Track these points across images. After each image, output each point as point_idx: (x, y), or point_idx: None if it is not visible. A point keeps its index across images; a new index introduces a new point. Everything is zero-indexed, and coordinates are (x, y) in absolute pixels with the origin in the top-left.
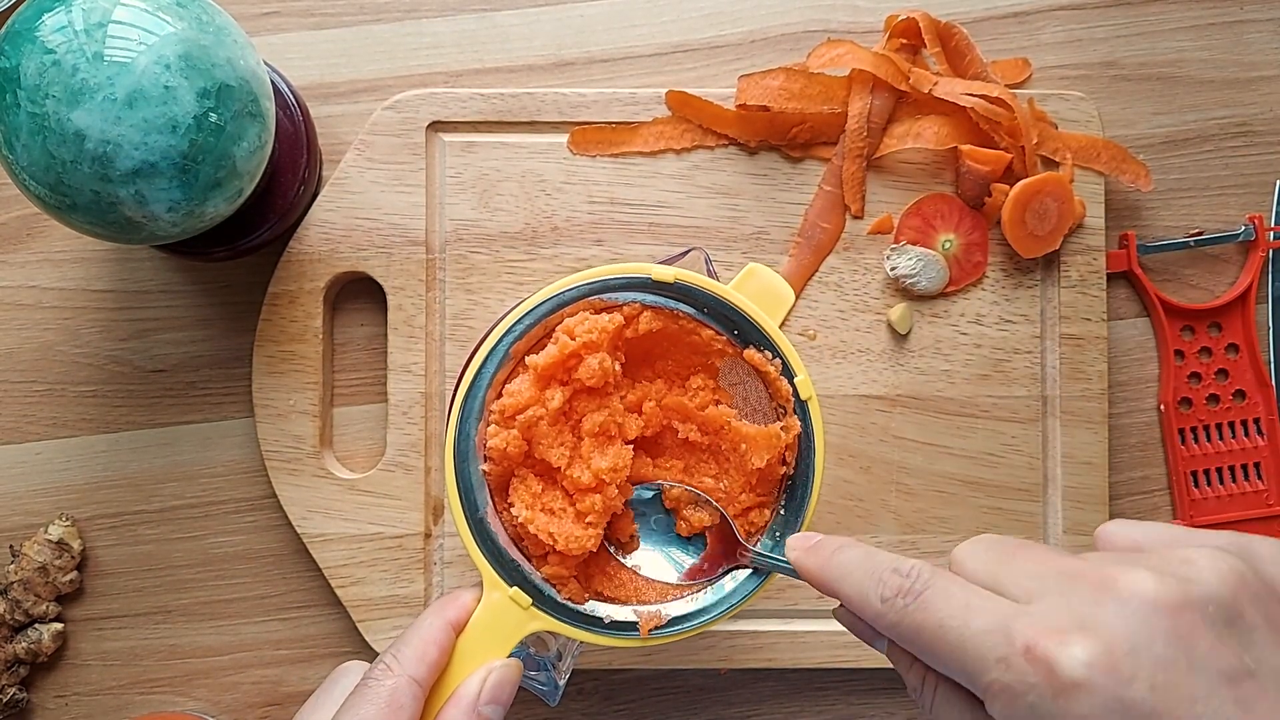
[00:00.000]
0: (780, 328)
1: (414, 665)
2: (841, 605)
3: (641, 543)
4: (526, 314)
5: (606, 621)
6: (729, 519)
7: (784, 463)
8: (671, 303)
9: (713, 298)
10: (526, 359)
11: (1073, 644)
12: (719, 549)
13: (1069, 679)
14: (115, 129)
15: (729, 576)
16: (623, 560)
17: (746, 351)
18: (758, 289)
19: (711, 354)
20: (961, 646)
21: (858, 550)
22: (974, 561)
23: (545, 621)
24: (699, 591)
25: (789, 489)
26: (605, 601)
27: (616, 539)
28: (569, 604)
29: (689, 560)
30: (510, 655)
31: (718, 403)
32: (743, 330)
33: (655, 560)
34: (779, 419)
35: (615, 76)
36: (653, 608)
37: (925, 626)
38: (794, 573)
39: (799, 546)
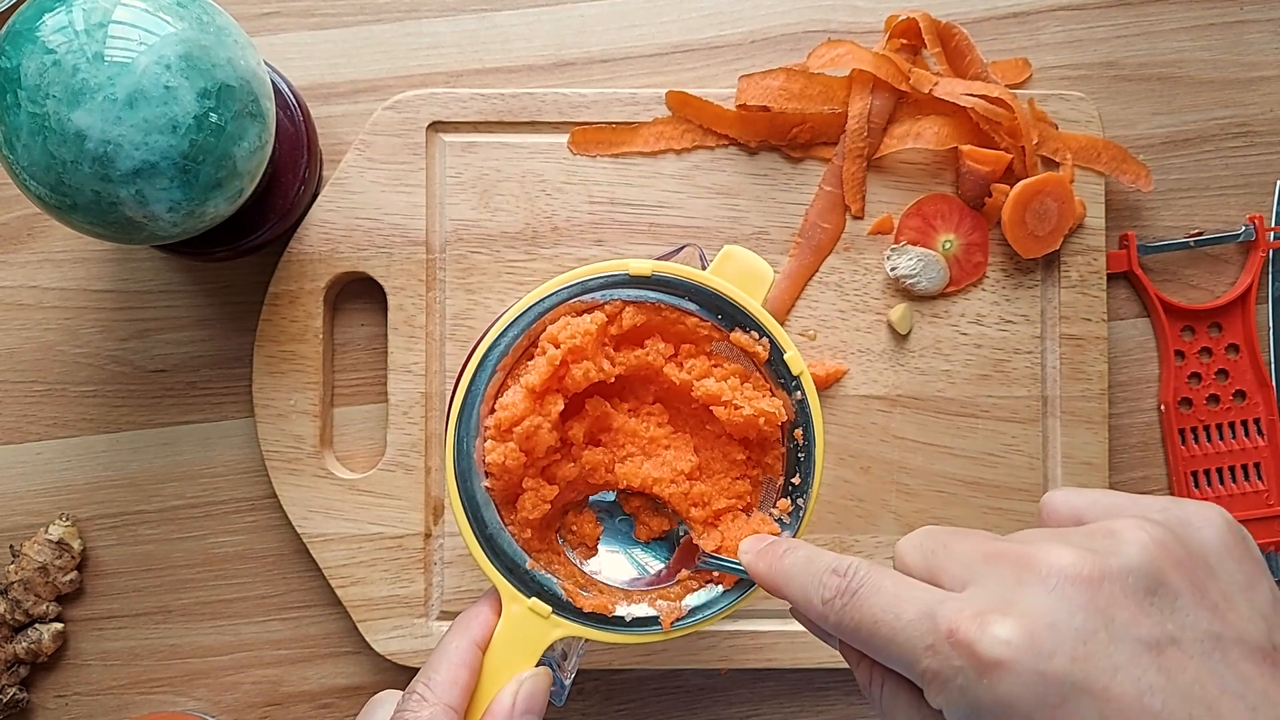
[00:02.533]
0: (763, 305)
1: (447, 692)
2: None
3: (601, 546)
4: (509, 326)
5: (628, 620)
6: (687, 525)
7: (783, 440)
8: (653, 295)
9: (692, 285)
10: (515, 373)
11: (993, 624)
12: (682, 553)
13: (991, 658)
14: (116, 129)
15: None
16: (580, 565)
17: (733, 334)
18: (736, 271)
19: (699, 340)
20: (894, 639)
21: (801, 552)
22: (912, 555)
23: (568, 627)
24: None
25: (798, 465)
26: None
27: (581, 543)
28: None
29: (652, 563)
30: (538, 664)
31: (715, 365)
32: (727, 313)
33: (617, 563)
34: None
35: (615, 76)
36: (671, 602)
37: (862, 623)
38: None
39: (751, 550)
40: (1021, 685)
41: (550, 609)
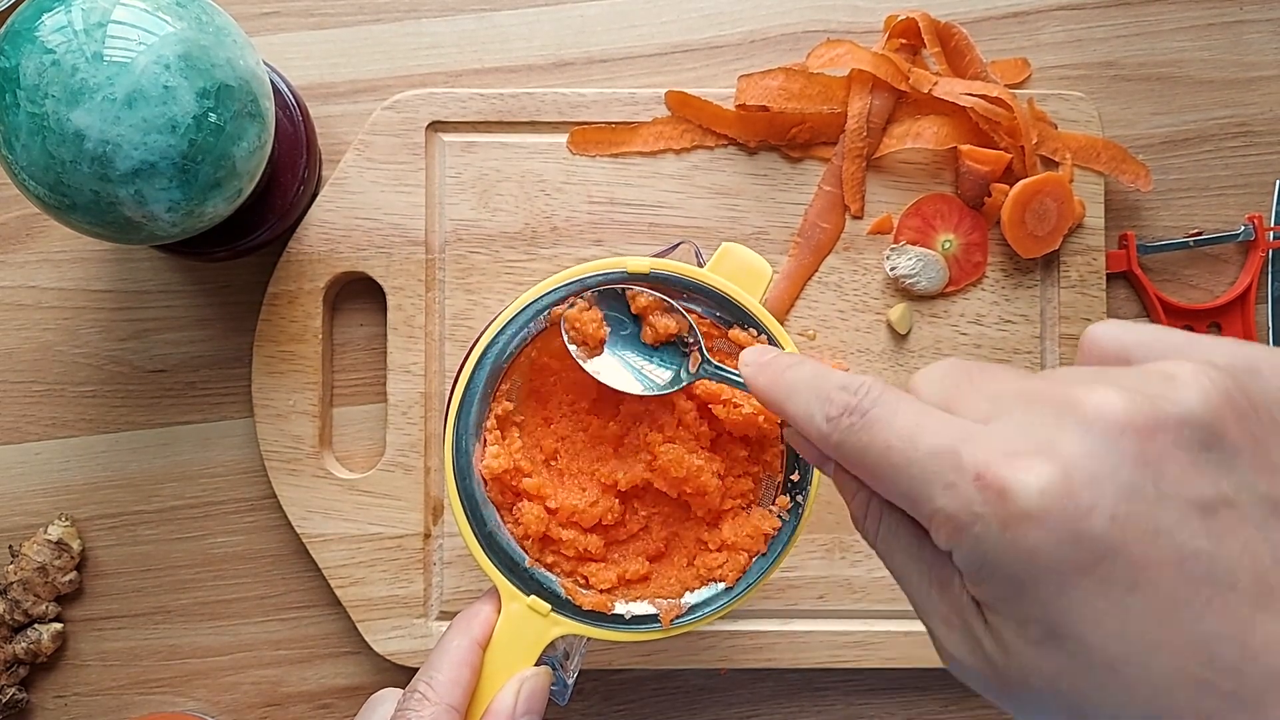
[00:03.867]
0: (762, 303)
1: (448, 691)
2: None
3: (606, 349)
4: (507, 324)
5: (627, 617)
6: (695, 327)
7: (782, 437)
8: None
9: (691, 282)
10: (512, 372)
11: (1027, 469)
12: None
13: (1020, 509)
14: (115, 129)
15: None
16: (583, 363)
17: (731, 331)
18: (734, 268)
19: None
20: (906, 470)
21: (808, 367)
22: (930, 386)
23: (567, 625)
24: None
25: (797, 462)
26: (625, 600)
27: (584, 341)
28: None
29: (655, 370)
30: (538, 662)
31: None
32: (725, 310)
33: (618, 369)
34: None
35: (615, 76)
36: (671, 600)
37: (870, 447)
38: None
39: (753, 361)
40: (1051, 542)
41: (550, 607)
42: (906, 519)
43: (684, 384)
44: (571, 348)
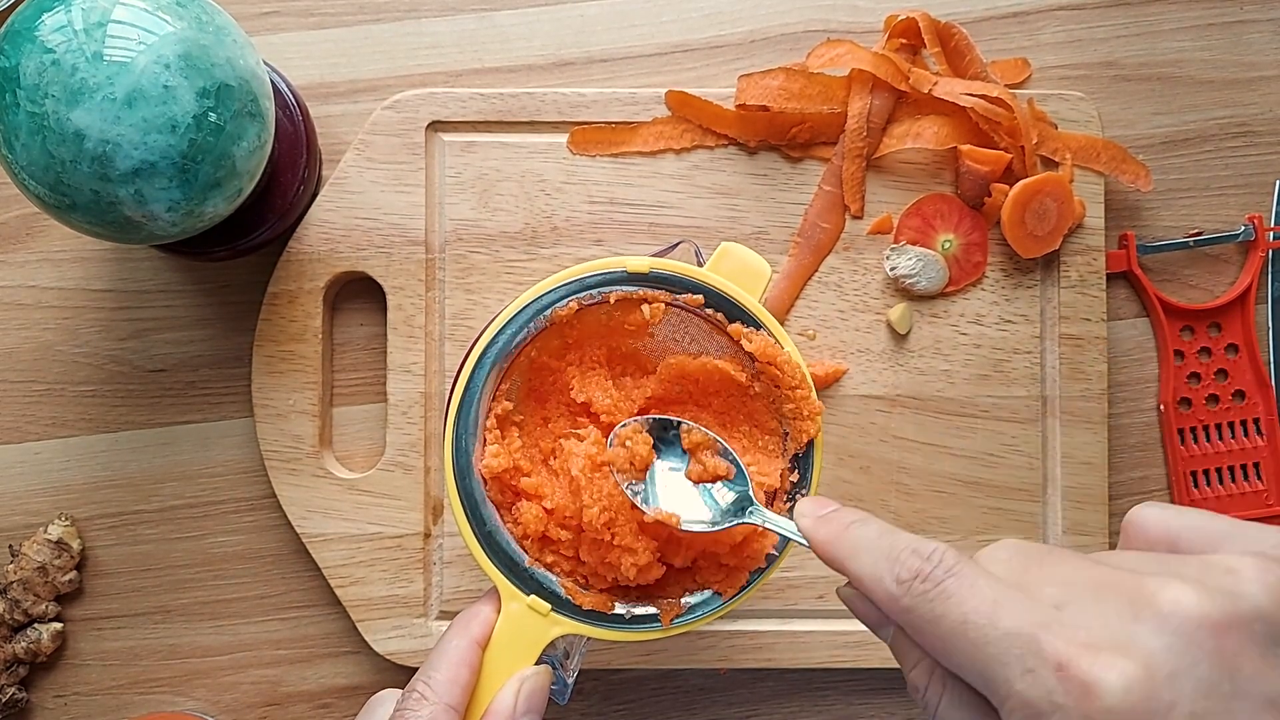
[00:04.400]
0: (761, 303)
1: (447, 691)
2: (848, 584)
3: (650, 476)
4: (507, 323)
5: (627, 617)
6: (744, 471)
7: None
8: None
9: (690, 282)
10: (511, 373)
11: (1110, 666)
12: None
13: (1104, 705)
14: (115, 129)
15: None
16: (623, 485)
17: (731, 328)
18: (734, 267)
19: None
20: (983, 648)
21: (874, 526)
22: (998, 565)
23: (567, 625)
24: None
25: (796, 463)
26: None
27: (630, 463)
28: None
29: (724, 493)
30: (538, 662)
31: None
32: (724, 310)
33: (680, 487)
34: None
35: (615, 76)
36: (671, 600)
37: (945, 618)
38: (804, 540)
39: (810, 513)
40: None
41: (549, 606)
42: (973, 693)
43: (726, 526)
44: (615, 475)
